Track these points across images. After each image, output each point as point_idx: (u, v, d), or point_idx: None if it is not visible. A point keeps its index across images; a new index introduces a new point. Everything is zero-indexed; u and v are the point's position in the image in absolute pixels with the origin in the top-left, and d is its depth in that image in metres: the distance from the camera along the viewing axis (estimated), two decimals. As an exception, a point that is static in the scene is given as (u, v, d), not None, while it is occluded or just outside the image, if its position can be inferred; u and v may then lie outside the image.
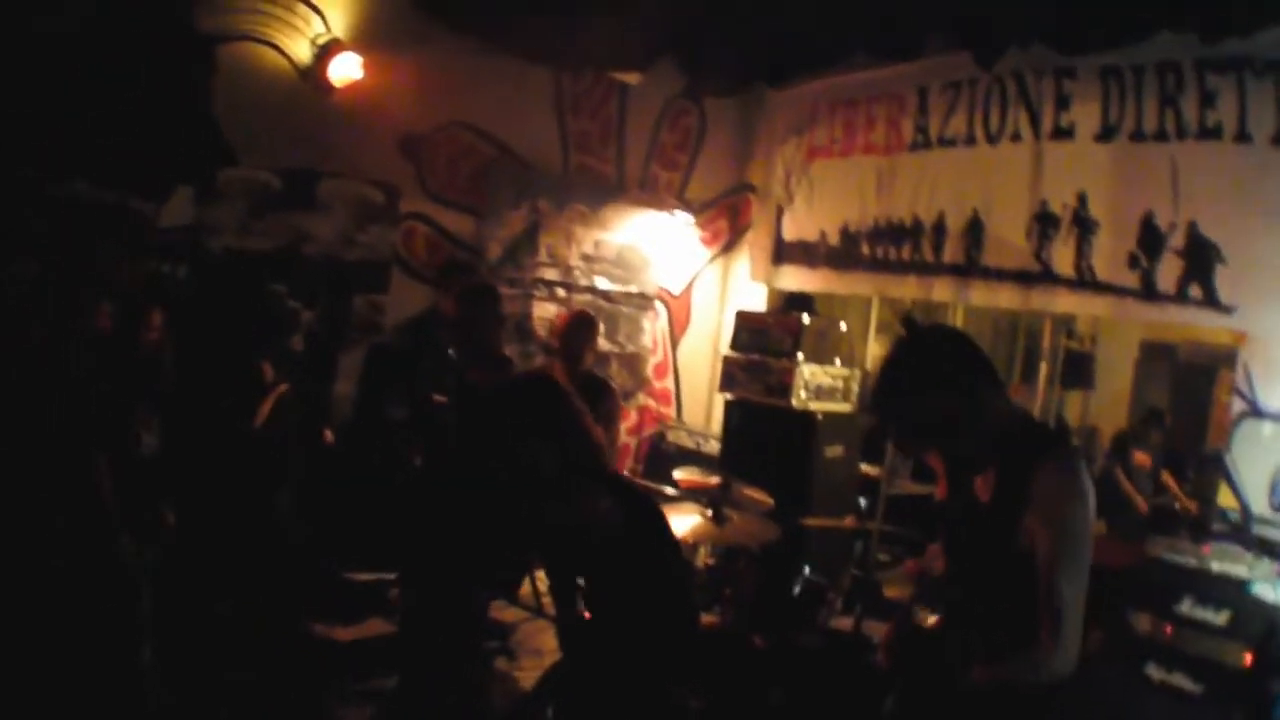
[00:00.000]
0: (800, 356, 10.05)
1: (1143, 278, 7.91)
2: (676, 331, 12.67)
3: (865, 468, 10.87)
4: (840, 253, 11.06)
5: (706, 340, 12.85)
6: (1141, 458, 11.56)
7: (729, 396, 10.76)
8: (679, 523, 6.68)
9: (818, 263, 11.40)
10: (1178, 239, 7.68)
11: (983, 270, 9.28)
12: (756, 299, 12.43)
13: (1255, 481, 7.78)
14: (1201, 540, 7.62)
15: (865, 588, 7.36)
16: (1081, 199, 8.40)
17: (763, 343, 10.45)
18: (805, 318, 10.27)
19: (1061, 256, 8.56)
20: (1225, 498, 8.02)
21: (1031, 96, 8.87)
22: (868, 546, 9.08)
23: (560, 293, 11.45)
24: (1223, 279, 7.43)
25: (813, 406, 10.08)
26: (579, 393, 7.55)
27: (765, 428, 10.28)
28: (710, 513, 7.26)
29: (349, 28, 9.53)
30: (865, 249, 10.69)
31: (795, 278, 11.75)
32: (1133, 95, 8.02)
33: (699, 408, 12.72)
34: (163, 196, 8.48)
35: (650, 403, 12.45)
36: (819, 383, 10.15)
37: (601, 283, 11.85)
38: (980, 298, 9.34)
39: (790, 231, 11.89)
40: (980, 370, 4.14)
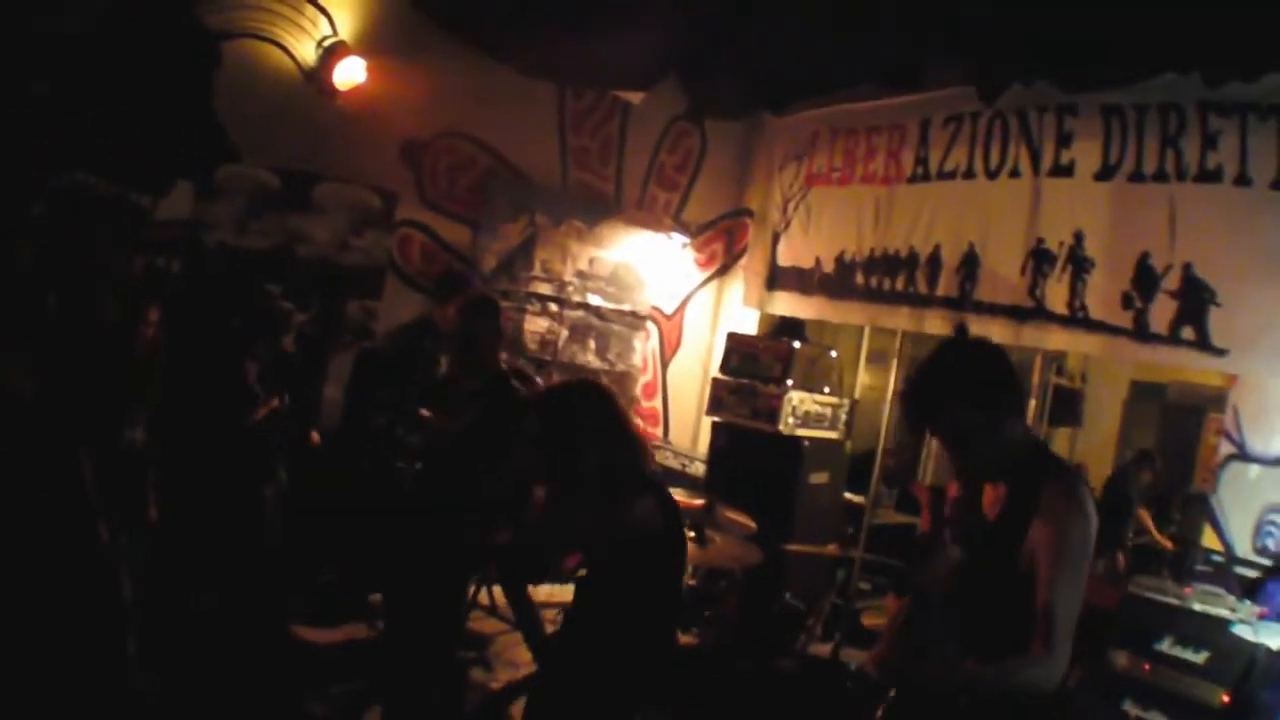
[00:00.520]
0: (790, 383, 10.06)
1: (1136, 318, 7.88)
2: (667, 352, 12.65)
3: (849, 496, 10.88)
4: (834, 281, 11.03)
5: (697, 362, 12.83)
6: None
7: (717, 419, 10.77)
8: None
9: (811, 290, 11.38)
10: (1172, 280, 7.65)
11: (975, 304, 9.26)
12: (748, 323, 12.41)
13: (1240, 523, 7.82)
14: (1184, 580, 7.64)
15: (845, 615, 7.36)
16: (1078, 237, 8.38)
17: (752, 367, 10.47)
18: (796, 344, 10.28)
19: (1055, 293, 8.54)
20: (1209, 539, 8.06)
21: (1033, 133, 8.85)
22: (849, 574, 9.09)
23: (553, 307, 11.43)
24: (1216, 321, 7.40)
25: (800, 433, 10.09)
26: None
27: (752, 452, 10.29)
28: (693, 534, 7.25)
29: (355, 31, 9.54)
30: (860, 278, 10.66)
31: (788, 304, 11.73)
32: (1134, 134, 8.00)
33: (686, 429, 12.70)
34: (162, 190, 8.47)
35: (638, 422, 12.43)
36: (807, 410, 10.16)
37: (594, 299, 11.82)
38: (972, 331, 9.30)
39: (785, 257, 11.88)
40: (1008, 393, 4.31)
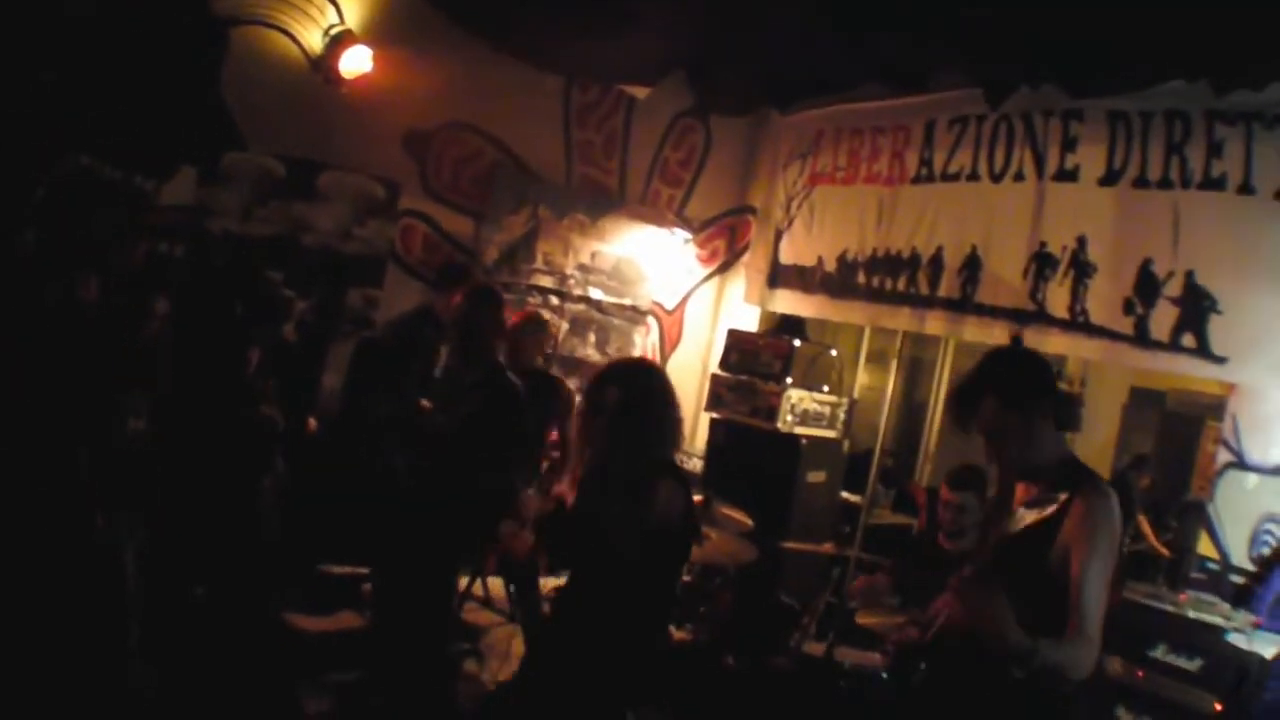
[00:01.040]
0: (789, 381, 10.05)
1: (1137, 324, 7.86)
2: (667, 347, 12.64)
3: (846, 495, 10.88)
4: (836, 280, 11.01)
5: (696, 358, 12.82)
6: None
7: (715, 415, 10.77)
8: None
9: (813, 288, 11.36)
10: (1174, 287, 7.63)
11: (976, 306, 9.23)
12: (749, 320, 12.40)
13: (1236, 532, 7.80)
14: (1179, 587, 7.64)
15: (839, 615, 7.36)
16: (1081, 242, 8.36)
17: (752, 364, 10.46)
18: (796, 342, 10.27)
19: (1057, 298, 8.52)
20: (1205, 547, 8.05)
21: (1038, 137, 8.83)
22: (844, 573, 9.09)
23: (554, 300, 11.46)
24: (1216, 329, 7.39)
25: (798, 431, 10.08)
26: (529, 391, 7.60)
27: (749, 449, 10.29)
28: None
29: (363, 20, 9.56)
30: (861, 278, 10.63)
31: (789, 302, 11.70)
32: (1139, 141, 7.98)
33: (684, 425, 12.66)
34: (166, 175, 8.48)
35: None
36: (806, 408, 10.15)
37: (596, 293, 11.85)
38: (973, 334, 9.28)
39: (787, 255, 11.87)
40: (1043, 399, 4.66)
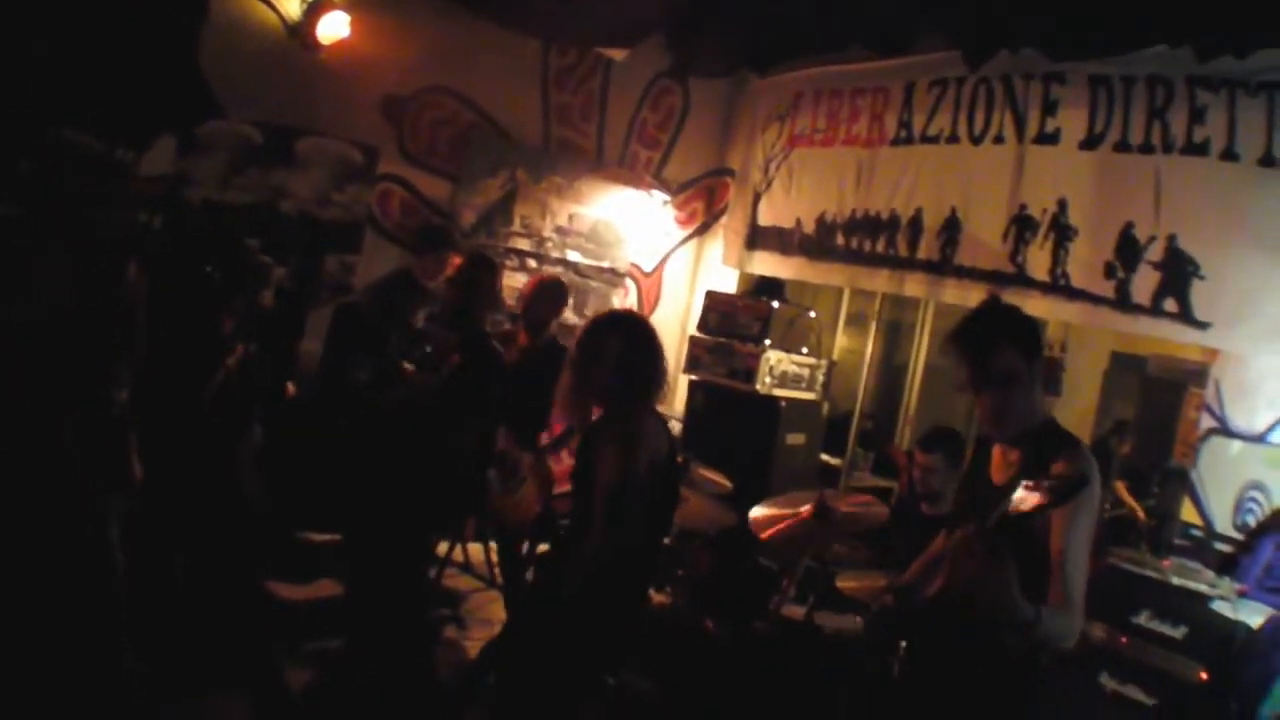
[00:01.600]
0: (767, 342, 10.04)
1: (1118, 287, 7.90)
2: (646, 309, 12.58)
3: (826, 458, 10.89)
4: (815, 242, 11.03)
5: (675, 320, 12.82)
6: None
7: (693, 377, 10.75)
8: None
9: (791, 250, 11.37)
10: (1156, 252, 7.67)
11: (956, 269, 9.26)
12: (728, 283, 12.38)
13: (1220, 499, 7.84)
14: (1162, 553, 7.66)
15: (819, 578, 7.36)
16: (1061, 205, 8.38)
17: (730, 326, 10.44)
18: (775, 304, 10.26)
19: (1037, 261, 8.55)
20: (1188, 513, 8.08)
21: (1018, 99, 8.85)
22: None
23: (532, 263, 11.41)
24: (1199, 295, 7.43)
25: (777, 393, 10.07)
26: (540, 359, 7.64)
27: (728, 411, 10.29)
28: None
29: (340, -15, 9.49)
30: (840, 240, 10.65)
31: (768, 264, 11.71)
32: (1121, 105, 8.01)
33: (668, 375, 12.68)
34: (145, 145, 8.43)
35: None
36: (784, 370, 10.14)
37: (573, 256, 11.82)
38: (952, 296, 9.30)
39: (766, 217, 11.87)
40: (1041, 352, 4.75)
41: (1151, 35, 7.61)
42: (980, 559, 4.02)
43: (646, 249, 12.54)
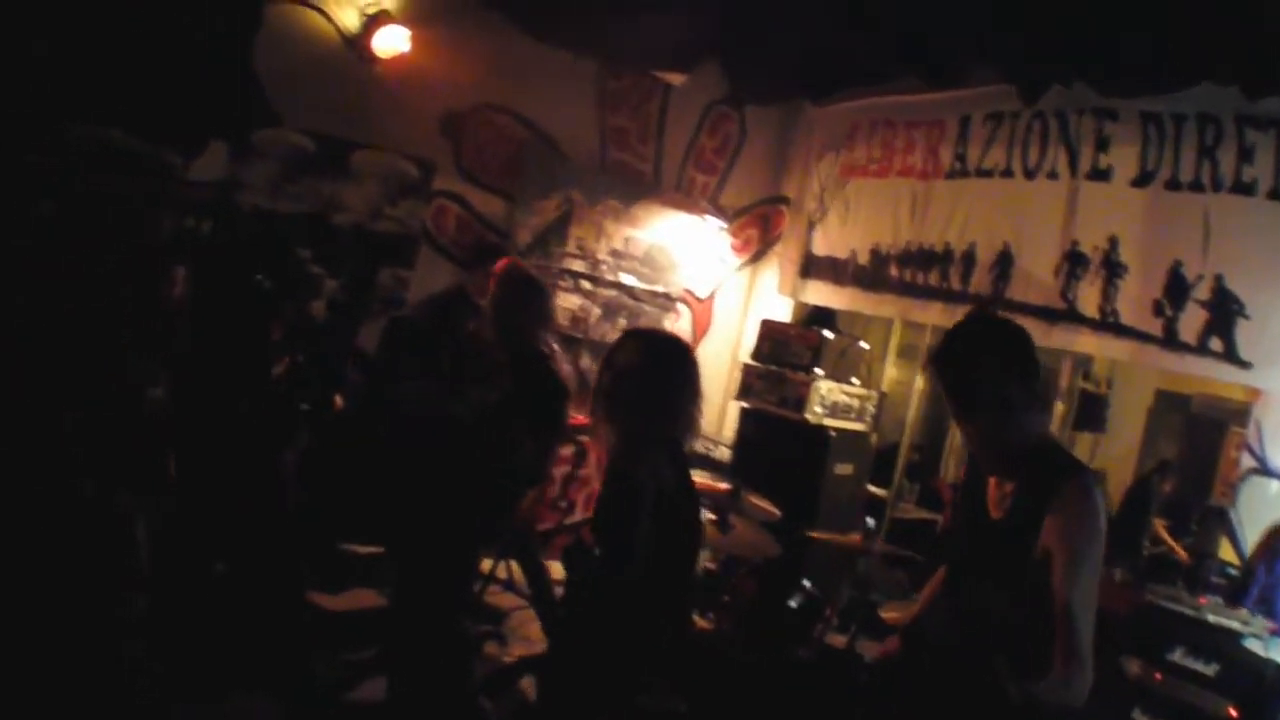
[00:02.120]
0: (819, 372, 10.07)
1: (1166, 325, 7.88)
2: (697, 335, 12.61)
3: (872, 488, 10.89)
4: (868, 273, 11.03)
5: (726, 347, 12.82)
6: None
7: (744, 404, 10.78)
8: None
9: (845, 280, 11.37)
10: (1203, 290, 7.65)
11: (1007, 303, 9.21)
12: (780, 311, 12.36)
13: (1257, 538, 7.78)
14: (1198, 591, 7.63)
15: (862, 607, 7.37)
16: (1113, 242, 8.36)
17: (783, 355, 10.48)
18: (827, 334, 10.28)
19: (1087, 297, 8.53)
20: (1226, 552, 8.03)
21: (1072, 135, 8.83)
22: (869, 567, 9.10)
23: (586, 285, 11.47)
24: (1243, 334, 7.41)
25: (827, 423, 10.10)
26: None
27: (778, 439, 10.32)
28: (715, 518, 7.29)
29: (399, 0, 9.56)
30: (894, 271, 10.65)
31: (821, 293, 11.72)
32: (1171, 143, 7.99)
33: (712, 413, 12.65)
34: (196, 150, 8.50)
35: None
36: (835, 400, 10.16)
37: (627, 279, 11.85)
38: (1004, 331, 9.28)
39: (820, 247, 11.88)
40: (1033, 368, 4.33)
41: (1199, 71, 7.60)
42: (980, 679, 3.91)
43: (701, 275, 12.54)
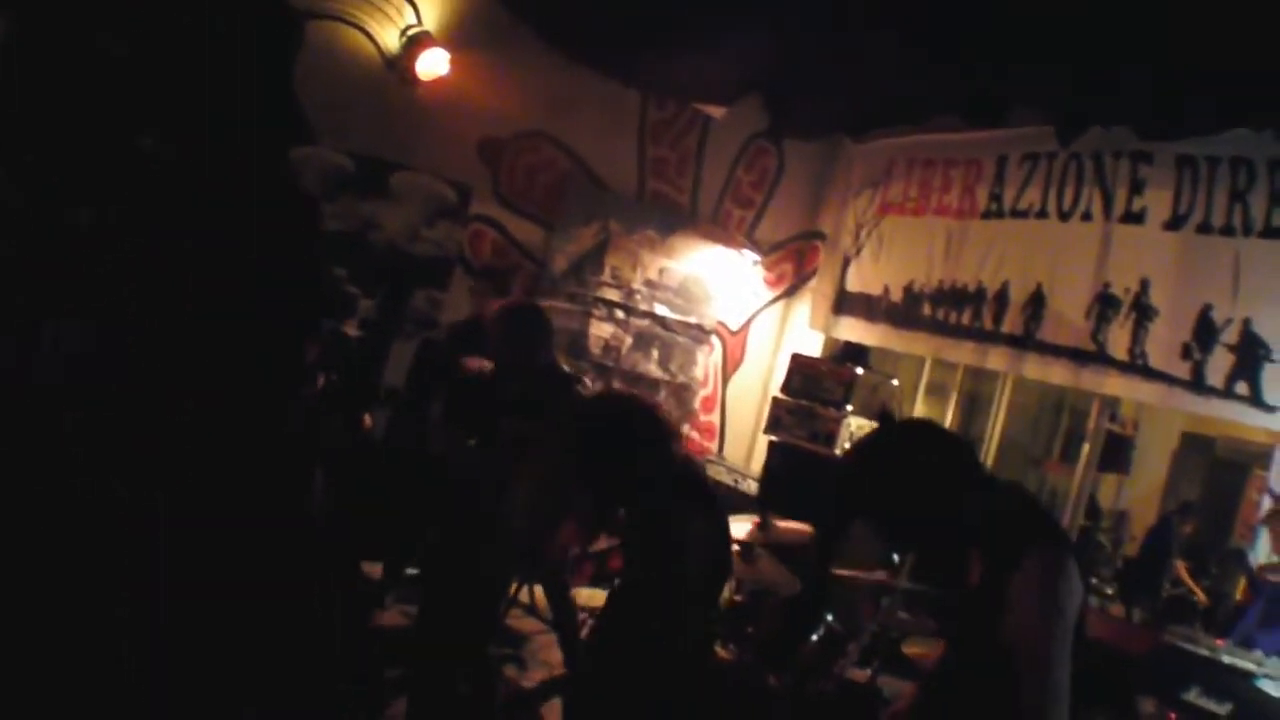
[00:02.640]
0: (850, 408, 10.09)
1: (1194, 369, 7.86)
2: (729, 368, 12.67)
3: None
4: (901, 310, 11.04)
5: (757, 380, 12.86)
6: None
7: (773, 438, 10.80)
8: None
9: (878, 317, 11.38)
10: (1231, 334, 7.64)
11: (1038, 344, 9.23)
12: (812, 346, 12.39)
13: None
14: (1214, 632, 7.64)
15: (884, 643, 7.38)
16: (1144, 285, 8.36)
17: (813, 389, 10.51)
18: (859, 370, 10.31)
19: (1117, 339, 8.52)
20: (1244, 593, 8.05)
21: (1107, 177, 8.84)
22: (892, 603, 9.10)
23: (619, 314, 11.53)
24: (1270, 378, 7.38)
25: (857, 459, 10.07)
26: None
27: (806, 474, 10.28)
28: (739, 549, 7.31)
29: (441, 23, 9.68)
30: (927, 309, 10.65)
31: (854, 330, 11.71)
32: (1205, 186, 7.98)
33: (741, 445, 12.72)
34: (231, 161, 8.54)
35: (694, 435, 12.46)
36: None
37: (661, 309, 11.90)
38: (1034, 371, 9.29)
39: (854, 283, 11.89)
40: (955, 466, 4.02)
41: (1233, 116, 7.63)
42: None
43: (734, 307, 12.59)
